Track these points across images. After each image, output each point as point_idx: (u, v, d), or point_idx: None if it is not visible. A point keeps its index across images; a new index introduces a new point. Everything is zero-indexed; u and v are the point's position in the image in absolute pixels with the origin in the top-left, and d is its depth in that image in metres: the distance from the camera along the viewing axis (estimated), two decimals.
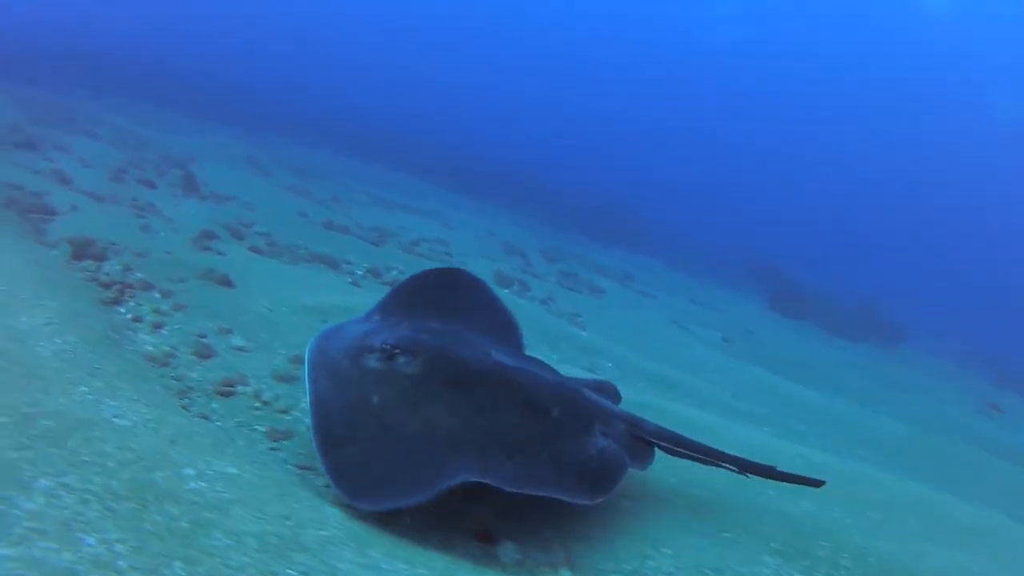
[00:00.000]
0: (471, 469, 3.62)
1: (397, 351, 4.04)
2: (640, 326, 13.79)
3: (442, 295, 5.10)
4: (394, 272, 10.82)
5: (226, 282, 7.79)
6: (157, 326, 6.29)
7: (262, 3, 59.22)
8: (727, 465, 4.54)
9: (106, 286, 6.92)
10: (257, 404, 5.25)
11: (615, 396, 5.26)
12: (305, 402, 4.29)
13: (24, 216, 8.39)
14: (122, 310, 6.57)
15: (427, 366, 4.03)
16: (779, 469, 4.56)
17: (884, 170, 59.35)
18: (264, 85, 34.47)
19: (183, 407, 4.88)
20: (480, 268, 13.26)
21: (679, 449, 4.53)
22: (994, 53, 67.05)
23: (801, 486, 4.72)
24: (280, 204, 13.11)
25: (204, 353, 5.94)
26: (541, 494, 3.69)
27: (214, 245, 9.36)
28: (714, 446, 4.75)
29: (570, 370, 8.53)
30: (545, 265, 17.00)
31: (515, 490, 3.61)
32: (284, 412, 5.20)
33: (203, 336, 6.31)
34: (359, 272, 10.51)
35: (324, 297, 8.36)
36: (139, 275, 7.37)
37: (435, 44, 64.61)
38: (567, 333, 10.60)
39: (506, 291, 12.27)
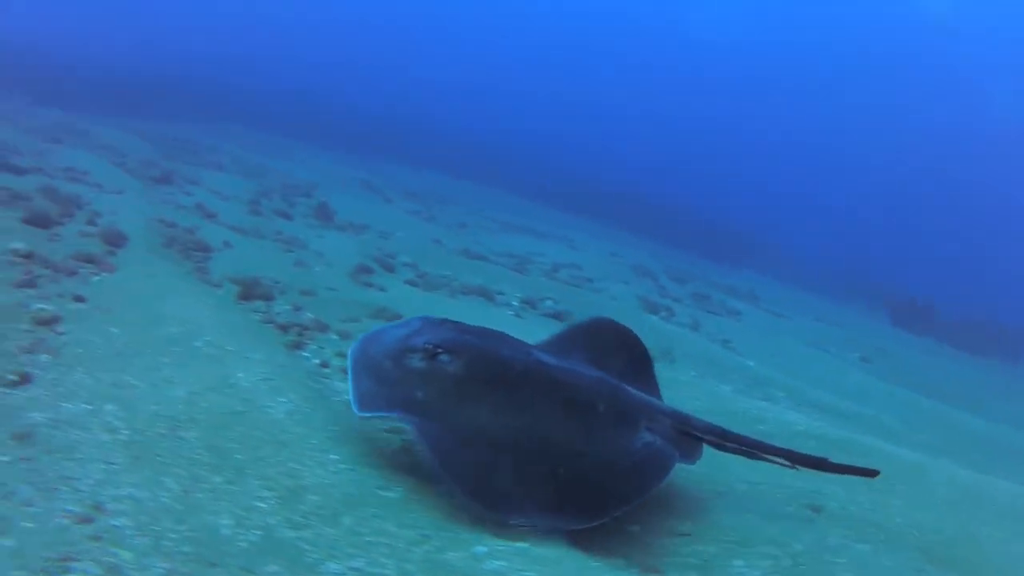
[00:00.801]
0: (515, 505, 3.57)
1: (440, 351, 3.98)
2: (788, 351, 13.03)
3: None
4: (548, 302, 10.34)
5: (394, 315, 7.40)
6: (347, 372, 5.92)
7: (353, 31, 59.64)
8: (777, 459, 4.37)
9: (283, 329, 6.59)
10: None
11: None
12: None
13: (186, 255, 8.12)
14: (306, 354, 6.21)
15: (470, 365, 3.98)
16: (831, 460, 4.36)
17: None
18: (364, 109, 34.52)
19: None
20: (622, 294, 12.73)
21: (727, 444, 4.42)
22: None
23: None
24: (414, 232, 12.76)
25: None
26: (587, 523, 3.63)
27: (372, 280, 9.00)
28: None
29: (746, 402, 7.98)
30: (676, 287, 16.37)
31: (560, 525, 3.62)
32: None
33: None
34: (515, 303, 10.04)
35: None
36: (310, 315, 7.04)
37: (521, 65, 64.08)
38: (736, 364, 9.92)
39: (654, 317, 11.65)
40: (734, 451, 4.45)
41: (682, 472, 4.66)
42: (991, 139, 57.73)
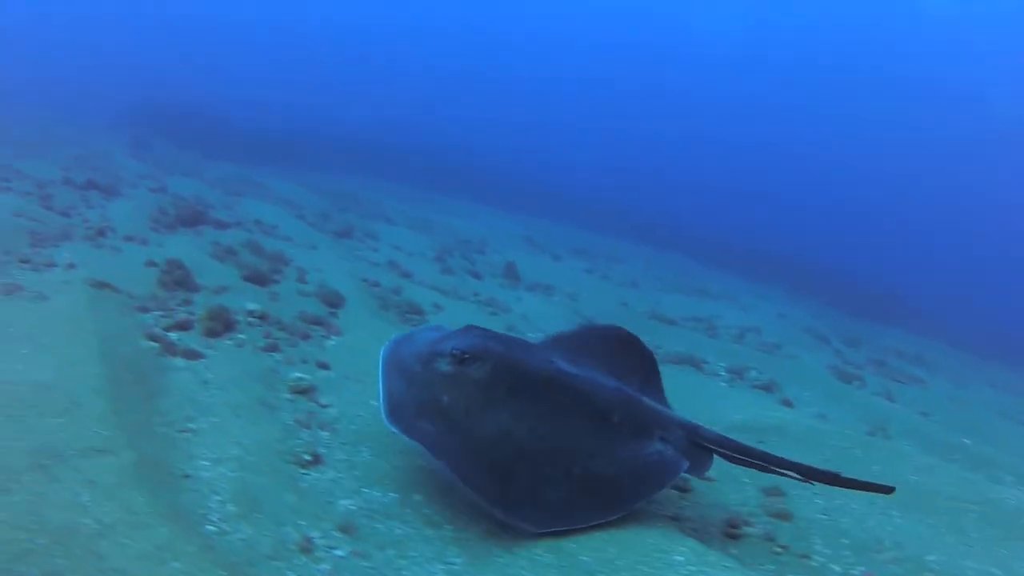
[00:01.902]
0: (531, 512, 3.68)
1: (467, 356, 4.04)
2: (989, 425, 11.73)
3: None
4: (753, 372, 9.52)
5: None
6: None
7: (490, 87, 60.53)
8: (789, 472, 4.28)
9: None
10: (777, 548, 4.42)
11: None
12: None
13: (404, 317, 7.65)
14: None
15: (494, 372, 4.05)
16: (843, 475, 4.20)
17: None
18: (496, 163, 34.57)
19: None
20: (811, 362, 11.73)
21: (738, 456, 4.37)
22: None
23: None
24: (598, 294, 12.16)
25: (682, 487, 4.95)
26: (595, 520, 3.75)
27: None
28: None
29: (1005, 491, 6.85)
30: (852, 352, 15.15)
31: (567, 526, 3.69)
32: (804, 556, 4.27)
33: None
34: (723, 372, 9.24)
35: (740, 412, 7.09)
36: None
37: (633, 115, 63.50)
38: (951, 441, 8.78)
39: (853, 389, 10.64)
40: (745, 464, 4.42)
41: None
42: None
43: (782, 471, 4.32)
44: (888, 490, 4.27)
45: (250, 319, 6.19)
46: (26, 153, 13.91)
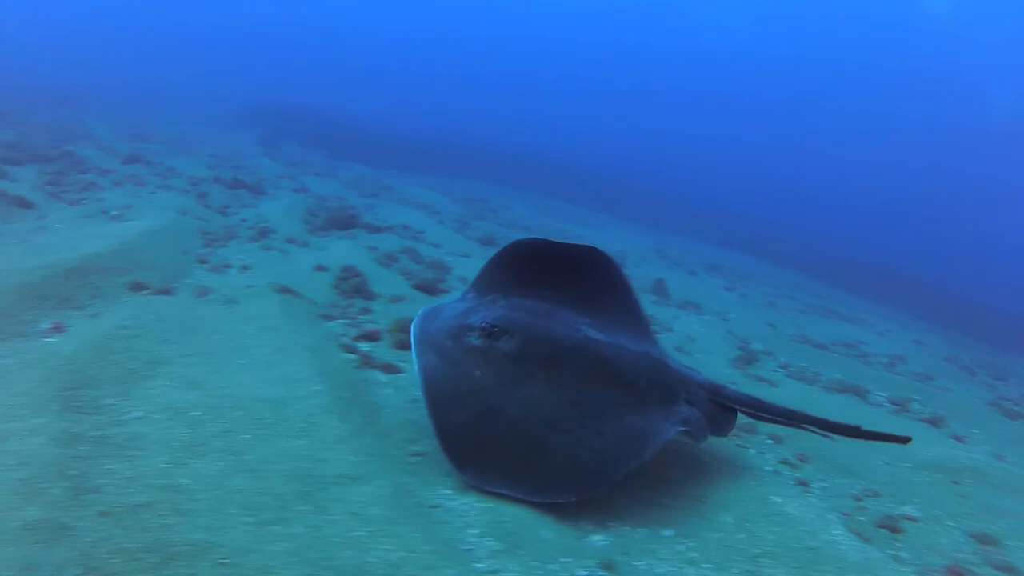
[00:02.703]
0: (570, 483, 3.62)
1: (496, 329, 4.02)
2: None
3: (553, 268, 4.82)
4: (916, 404, 8.92)
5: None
6: (803, 483, 4.98)
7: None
8: (811, 427, 4.50)
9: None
10: None
11: None
12: None
13: None
14: (751, 450, 5.34)
15: (524, 344, 4.03)
16: (864, 428, 4.44)
17: None
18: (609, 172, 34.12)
19: None
20: (966, 396, 10.91)
21: (761, 414, 4.57)
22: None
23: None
24: (744, 315, 11.62)
25: (892, 527, 4.53)
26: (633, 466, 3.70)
27: (750, 371, 7.93)
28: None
29: None
30: (1003, 386, 14.16)
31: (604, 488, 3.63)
32: None
33: (859, 499, 4.90)
34: (886, 404, 8.71)
35: (927, 450, 6.52)
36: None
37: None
38: None
39: (1014, 424, 9.87)
40: (768, 420, 4.62)
41: None
42: None
43: (805, 426, 4.55)
44: (905, 440, 4.56)
45: None
46: (172, 151, 14.20)
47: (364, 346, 5.39)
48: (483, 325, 4.03)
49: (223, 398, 3.72)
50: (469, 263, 9.22)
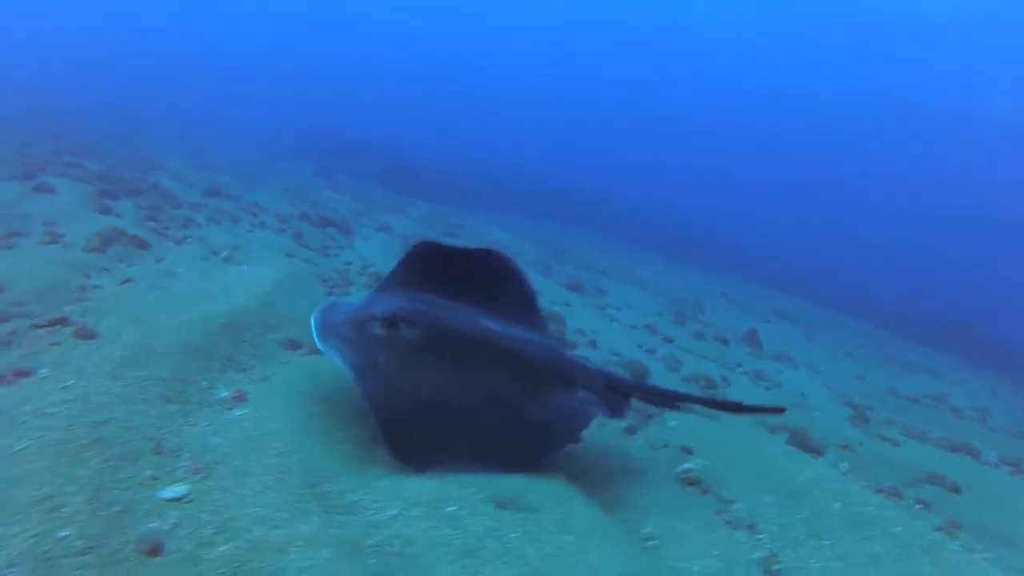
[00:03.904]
0: (471, 458, 3.84)
1: (397, 319, 4.17)
2: None
3: (453, 271, 5.03)
4: None
5: (955, 488, 6.19)
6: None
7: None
8: (693, 406, 4.91)
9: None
10: None
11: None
12: None
13: (706, 392, 7.11)
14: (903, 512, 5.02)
15: (425, 332, 4.19)
16: (744, 403, 4.75)
17: None
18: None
19: None
20: None
21: (650, 397, 4.89)
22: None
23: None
24: (830, 365, 11.48)
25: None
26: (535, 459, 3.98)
27: (870, 430, 7.79)
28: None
29: None
30: None
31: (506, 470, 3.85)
32: None
33: None
34: (1002, 465, 8.57)
35: None
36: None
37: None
38: None
39: None
40: (659, 403, 5.01)
41: None
42: None
43: (690, 406, 4.99)
44: (779, 410, 4.98)
45: None
46: (245, 184, 14.15)
47: None
48: (385, 315, 4.19)
49: (464, 486, 3.56)
50: (574, 313, 9.06)
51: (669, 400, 4.93)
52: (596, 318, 9.10)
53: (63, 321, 4.78)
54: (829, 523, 4.31)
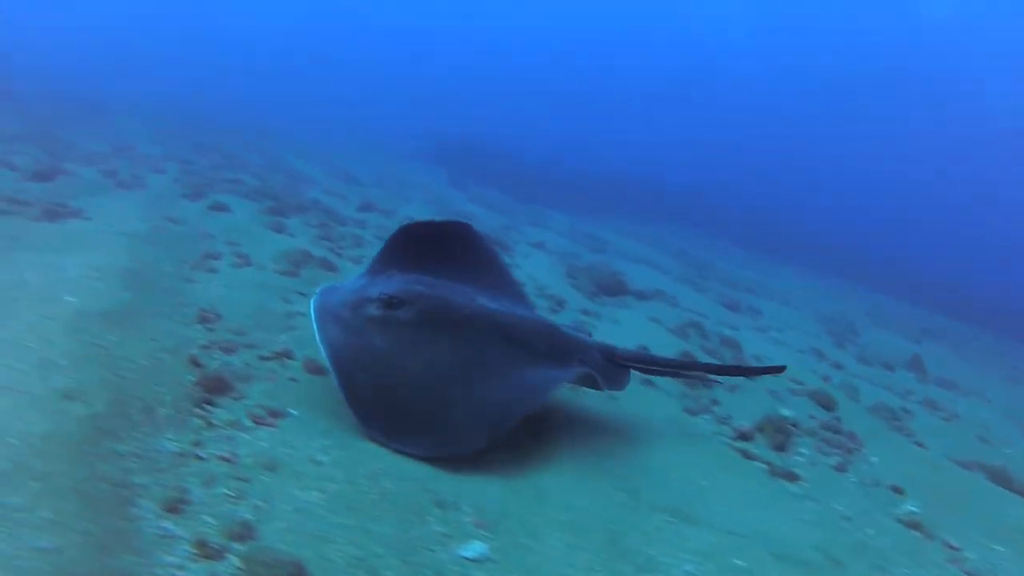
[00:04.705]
0: (473, 435, 3.85)
1: (394, 300, 4.22)
2: None
3: (437, 248, 5.16)
4: None
5: None
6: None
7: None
8: (697, 374, 5.20)
9: None
10: None
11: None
12: None
13: (894, 426, 7.04)
14: None
15: (422, 313, 4.25)
16: (744, 366, 5.63)
17: None
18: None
19: None
20: None
21: (650, 367, 5.13)
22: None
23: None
24: (997, 391, 11.15)
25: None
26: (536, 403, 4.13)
27: None
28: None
29: None
30: None
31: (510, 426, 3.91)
32: None
33: None
34: None
35: None
36: None
37: None
38: None
39: None
40: (658, 373, 5.22)
41: None
42: None
43: (692, 374, 5.19)
44: (780, 370, 5.30)
45: (790, 427, 5.80)
46: (391, 196, 14.59)
47: (741, 444, 5.31)
48: (381, 296, 4.23)
49: (738, 537, 3.72)
50: (744, 337, 9.04)
51: (670, 369, 5.13)
52: (764, 343, 9.10)
53: (288, 354, 4.63)
54: None
